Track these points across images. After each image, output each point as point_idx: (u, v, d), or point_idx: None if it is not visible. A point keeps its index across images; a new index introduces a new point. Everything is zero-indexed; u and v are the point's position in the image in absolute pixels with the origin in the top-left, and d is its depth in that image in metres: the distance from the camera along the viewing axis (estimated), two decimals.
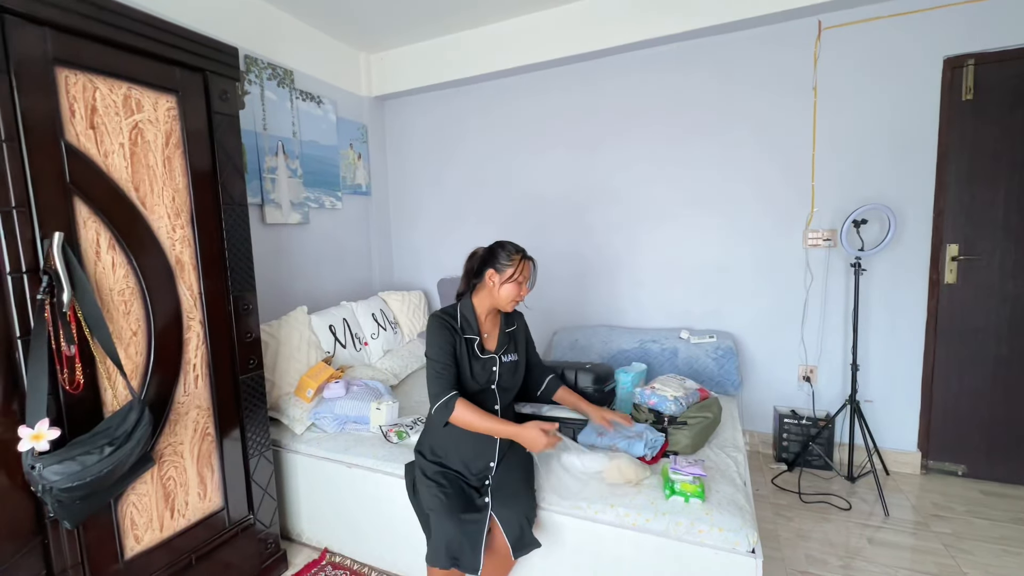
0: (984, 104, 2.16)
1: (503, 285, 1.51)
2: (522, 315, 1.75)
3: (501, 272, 1.51)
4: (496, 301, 1.54)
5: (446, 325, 1.51)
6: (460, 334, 1.52)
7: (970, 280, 2.26)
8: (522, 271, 1.52)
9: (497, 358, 1.57)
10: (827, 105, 2.36)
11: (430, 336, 1.50)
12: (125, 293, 1.32)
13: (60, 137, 1.18)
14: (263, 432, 1.76)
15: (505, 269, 1.51)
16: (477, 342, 1.55)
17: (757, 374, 2.64)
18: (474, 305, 1.58)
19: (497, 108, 3.08)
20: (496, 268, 1.52)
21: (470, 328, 1.55)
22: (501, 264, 1.51)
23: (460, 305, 1.58)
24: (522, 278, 1.52)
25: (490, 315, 1.60)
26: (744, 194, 2.55)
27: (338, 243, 3.04)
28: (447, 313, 1.56)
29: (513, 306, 1.56)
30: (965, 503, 2.15)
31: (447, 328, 1.51)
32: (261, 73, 2.44)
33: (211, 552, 1.57)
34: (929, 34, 2.17)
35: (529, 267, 1.55)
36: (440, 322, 1.51)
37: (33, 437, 1.06)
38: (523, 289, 1.54)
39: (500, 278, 1.51)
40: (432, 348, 1.49)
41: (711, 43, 2.52)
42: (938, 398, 2.36)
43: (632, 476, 1.51)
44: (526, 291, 1.55)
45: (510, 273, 1.50)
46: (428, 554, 1.40)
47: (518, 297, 1.53)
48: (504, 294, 1.51)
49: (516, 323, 1.69)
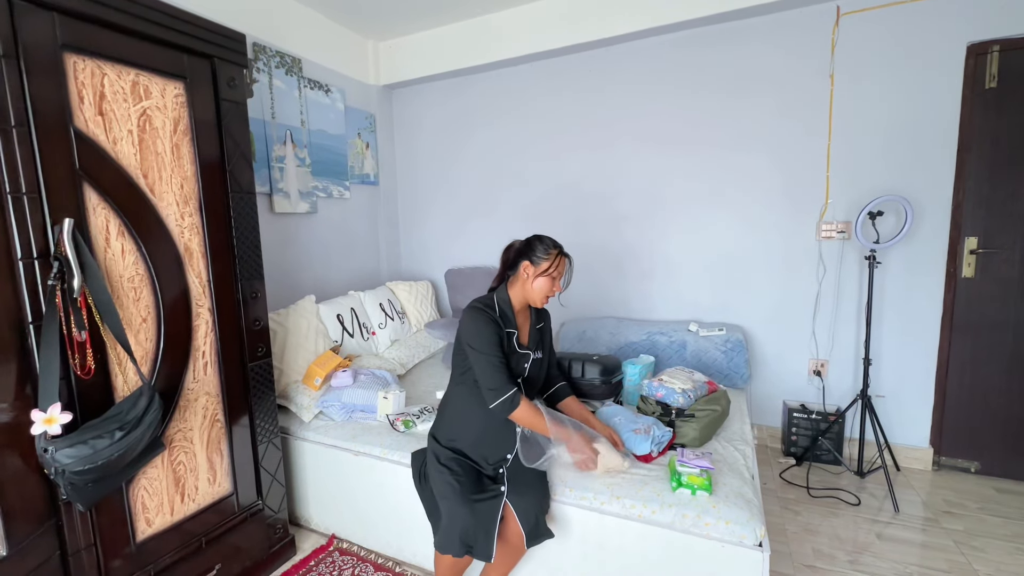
0: (1009, 93, 2.09)
1: (537, 278, 1.49)
2: (549, 313, 1.72)
3: (536, 265, 1.49)
4: (528, 294, 1.52)
5: (491, 318, 1.47)
6: (502, 327, 1.49)
7: (988, 274, 2.21)
8: (557, 266, 1.50)
9: (529, 353, 1.57)
10: (844, 93, 2.30)
11: (478, 328, 1.45)
12: (135, 280, 1.33)
13: (69, 123, 1.18)
14: (271, 419, 1.77)
15: (541, 262, 1.49)
16: (516, 335, 1.53)
17: (767, 367, 2.61)
18: (510, 297, 1.55)
19: (506, 97, 3.04)
20: (532, 260, 1.50)
21: (508, 321, 1.52)
22: (537, 257, 1.49)
23: (497, 296, 1.55)
24: (556, 273, 1.50)
25: (523, 309, 1.59)
26: (757, 185, 2.51)
27: (346, 233, 3.04)
28: (487, 306, 1.51)
29: (544, 302, 1.53)
30: (978, 500, 2.11)
31: (493, 321, 1.46)
32: (269, 61, 2.43)
33: (221, 536, 1.60)
34: (952, 20, 2.10)
35: (565, 263, 1.53)
36: (487, 315, 1.47)
37: (45, 421, 1.08)
38: (556, 285, 1.52)
39: (535, 271, 1.49)
40: (482, 341, 1.43)
41: (727, 30, 2.46)
42: (952, 393, 2.31)
43: (613, 465, 1.50)
44: (559, 288, 1.53)
45: (545, 267, 1.48)
46: (438, 541, 1.41)
47: (550, 292, 1.51)
48: (537, 288, 1.50)
49: (544, 320, 1.67)
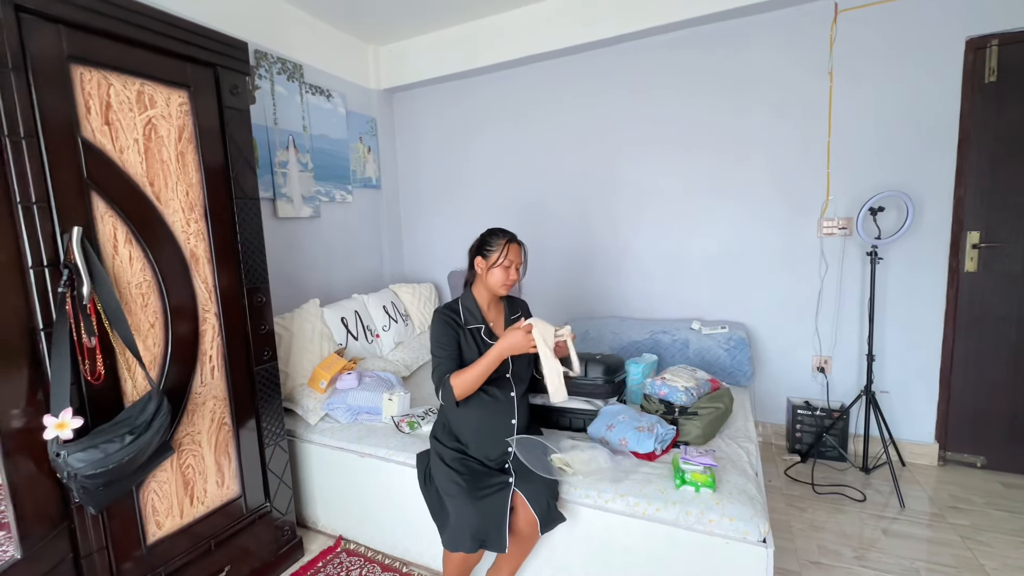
0: (1009, 87, 2.09)
1: (490, 270, 1.52)
2: (525, 303, 1.75)
3: (487, 257, 1.52)
4: (489, 287, 1.55)
5: (446, 320, 1.52)
6: (463, 327, 1.53)
7: (991, 268, 2.20)
8: (507, 254, 1.51)
9: None
10: (843, 89, 2.30)
11: (431, 333, 1.54)
12: (142, 286, 1.35)
13: (76, 133, 1.20)
14: (278, 422, 1.79)
15: (491, 254, 1.52)
16: (483, 329, 1.55)
17: (770, 365, 2.61)
18: (474, 294, 1.59)
19: (506, 99, 3.06)
20: (483, 254, 1.54)
21: (474, 318, 1.55)
22: (487, 250, 1.53)
23: (462, 297, 1.60)
24: (507, 262, 1.51)
25: (492, 303, 1.61)
26: (757, 182, 2.51)
27: (349, 236, 3.06)
28: (449, 308, 1.57)
29: (506, 290, 1.55)
30: (984, 495, 2.11)
31: (446, 323, 1.52)
32: (271, 67, 2.45)
33: (229, 538, 1.62)
34: (950, 14, 2.10)
35: (515, 249, 1.53)
36: (440, 318, 1.53)
37: (58, 426, 1.10)
38: (512, 273, 1.52)
39: (486, 263, 1.52)
40: (432, 344, 1.53)
41: (726, 28, 2.47)
42: (956, 389, 2.31)
43: (546, 332, 1.46)
44: (516, 275, 1.54)
45: (495, 258, 1.51)
46: (447, 540, 1.42)
47: (507, 281, 1.52)
48: (493, 279, 1.52)
49: (519, 310, 1.69)
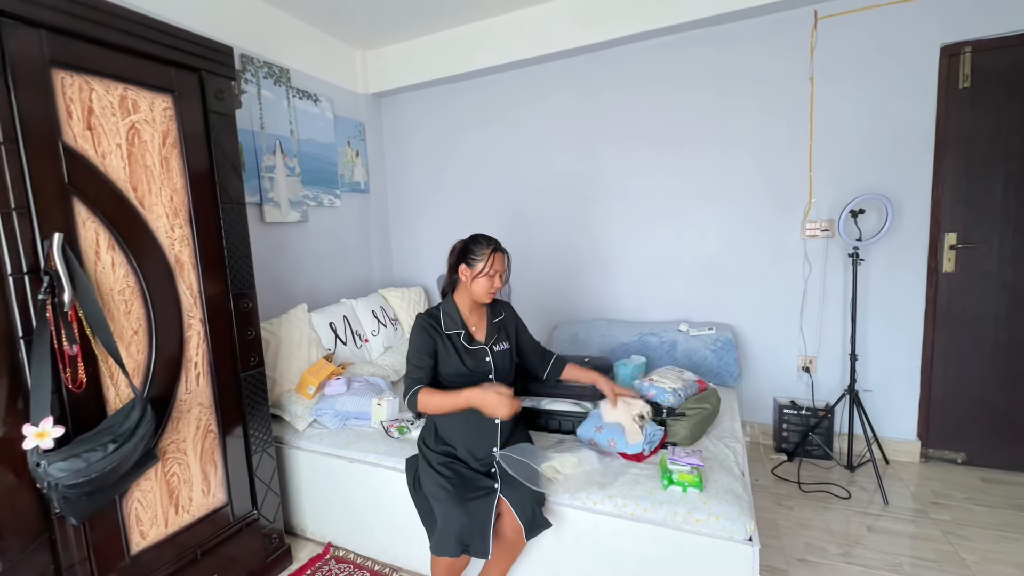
0: (982, 92, 2.16)
1: (475, 280, 1.51)
2: (509, 304, 1.75)
3: (472, 267, 1.52)
4: (473, 295, 1.55)
5: (424, 327, 1.53)
6: (442, 332, 1.53)
7: (969, 268, 2.26)
8: (492, 264, 1.51)
9: (488, 349, 1.58)
10: (824, 95, 2.35)
11: (410, 339, 1.54)
12: (125, 292, 1.33)
13: (58, 138, 1.19)
14: (265, 429, 1.77)
15: (476, 264, 1.51)
16: (464, 335, 1.55)
17: (756, 365, 2.65)
18: (455, 301, 1.58)
19: (495, 103, 3.07)
20: (468, 263, 1.53)
21: (454, 324, 1.55)
22: (473, 259, 1.52)
23: (443, 303, 1.60)
24: (493, 271, 1.51)
25: (475, 308, 1.60)
26: (741, 186, 2.55)
27: (337, 241, 3.05)
28: (429, 315, 1.57)
29: (490, 298, 1.56)
30: (965, 490, 2.16)
31: (425, 330, 1.52)
32: (257, 72, 2.44)
33: (216, 547, 1.60)
34: (925, 22, 2.16)
35: (500, 259, 1.53)
36: (419, 324, 1.54)
37: (37, 435, 1.08)
38: (496, 281, 1.53)
39: (472, 272, 1.52)
40: (409, 350, 1.53)
41: (708, 34, 2.51)
42: (937, 386, 2.36)
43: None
44: (500, 283, 1.54)
45: (480, 267, 1.50)
46: (434, 544, 1.42)
47: (492, 290, 1.53)
48: (477, 288, 1.52)
49: (503, 312, 1.69)
